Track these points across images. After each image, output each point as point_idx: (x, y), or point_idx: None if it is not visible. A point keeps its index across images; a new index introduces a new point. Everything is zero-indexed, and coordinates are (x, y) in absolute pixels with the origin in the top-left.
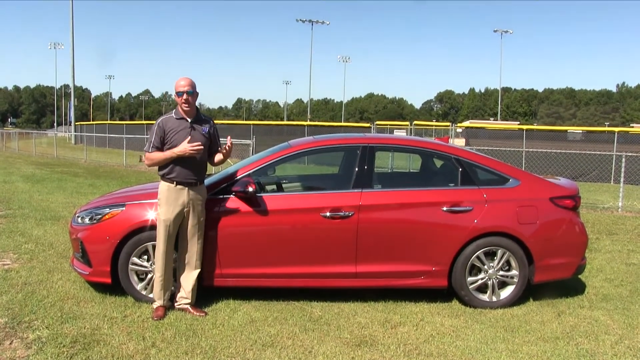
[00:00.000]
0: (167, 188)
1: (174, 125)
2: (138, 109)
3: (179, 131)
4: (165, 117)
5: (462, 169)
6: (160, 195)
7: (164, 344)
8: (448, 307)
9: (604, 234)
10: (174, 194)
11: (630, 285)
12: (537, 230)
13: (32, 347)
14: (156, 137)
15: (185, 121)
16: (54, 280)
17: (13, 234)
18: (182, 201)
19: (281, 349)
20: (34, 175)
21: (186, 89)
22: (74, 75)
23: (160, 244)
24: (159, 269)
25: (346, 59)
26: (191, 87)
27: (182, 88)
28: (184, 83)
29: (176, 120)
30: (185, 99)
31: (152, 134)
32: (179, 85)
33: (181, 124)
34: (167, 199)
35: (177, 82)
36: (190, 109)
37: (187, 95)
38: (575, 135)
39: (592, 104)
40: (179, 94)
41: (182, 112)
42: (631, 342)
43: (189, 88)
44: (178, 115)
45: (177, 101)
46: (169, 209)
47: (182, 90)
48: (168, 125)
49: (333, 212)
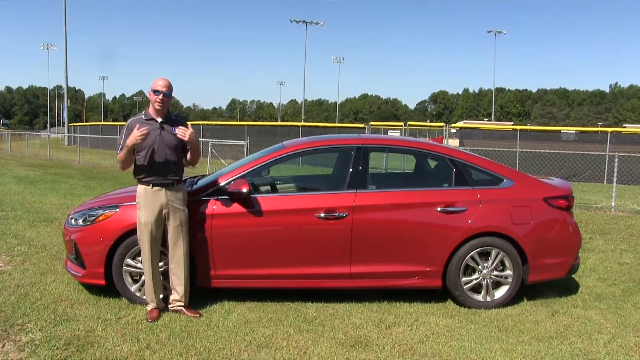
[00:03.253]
0: (144, 191)
1: (142, 126)
2: (132, 110)
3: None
4: (135, 118)
5: (456, 170)
6: (139, 198)
7: (159, 346)
8: (442, 307)
9: (597, 233)
10: (152, 196)
11: (623, 284)
12: (531, 230)
13: (25, 349)
14: (125, 138)
15: (154, 122)
16: (47, 282)
17: (5, 236)
18: (160, 203)
19: (276, 350)
20: (27, 177)
21: (164, 90)
22: (67, 76)
23: (145, 247)
24: (147, 272)
25: (340, 60)
26: (168, 90)
27: (160, 88)
28: (162, 84)
29: (145, 122)
30: (160, 98)
31: (122, 136)
32: (156, 84)
33: (150, 125)
34: (145, 202)
35: (155, 81)
36: (162, 109)
37: (164, 97)
38: (569, 135)
39: (585, 104)
40: (156, 93)
41: (153, 111)
42: (624, 340)
43: (167, 90)
44: (147, 117)
45: (150, 99)
46: (148, 211)
47: (159, 90)
48: (137, 126)
49: (327, 212)
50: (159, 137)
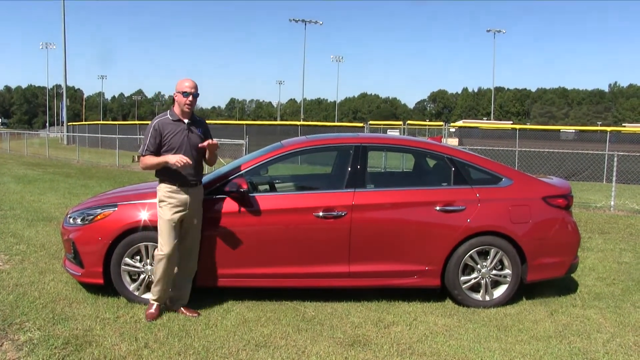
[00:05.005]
0: (169, 189)
1: (170, 127)
2: (131, 109)
3: (176, 133)
4: (161, 119)
5: (454, 169)
6: (163, 197)
7: (157, 345)
8: (441, 306)
9: (596, 232)
10: (177, 195)
11: (622, 283)
12: (530, 229)
13: (23, 348)
14: (152, 140)
15: (181, 123)
16: (46, 282)
17: (4, 235)
18: (184, 202)
19: (274, 349)
20: (26, 176)
21: (192, 90)
22: (65, 75)
23: (167, 246)
24: (163, 270)
25: (339, 59)
26: (197, 90)
27: (189, 89)
28: (190, 84)
29: (172, 122)
30: (190, 100)
31: (147, 137)
32: (183, 85)
33: (178, 126)
34: (171, 201)
35: (182, 83)
36: (190, 110)
37: (193, 97)
38: (568, 134)
39: (584, 103)
40: (185, 94)
41: (180, 112)
42: (623, 340)
43: (195, 91)
44: (174, 117)
45: (178, 101)
46: (172, 210)
47: (189, 92)
48: (165, 128)
49: (326, 211)
50: (186, 139)
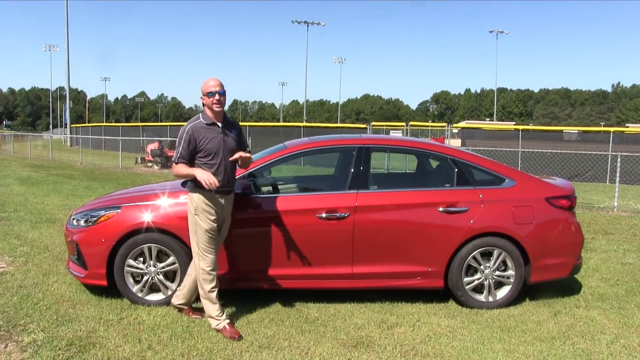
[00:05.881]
0: (205, 197)
1: (205, 132)
2: (134, 110)
3: (211, 138)
4: (194, 123)
5: (457, 170)
6: (198, 204)
7: (160, 346)
8: (444, 307)
9: (599, 233)
10: (213, 202)
11: (626, 284)
12: (533, 230)
13: (28, 350)
14: (185, 146)
15: (216, 127)
16: (50, 283)
17: (8, 237)
18: (219, 210)
19: (277, 350)
20: (30, 178)
21: (217, 89)
22: (69, 77)
23: (210, 257)
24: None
25: (342, 60)
26: (222, 87)
27: (214, 88)
28: (214, 83)
29: (207, 127)
30: (217, 99)
31: (181, 143)
32: (208, 85)
33: (213, 130)
34: (207, 209)
35: (206, 83)
36: (221, 109)
37: (219, 95)
38: (571, 135)
39: (587, 104)
40: (210, 95)
41: (212, 114)
42: (627, 341)
43: (220, 88)
44: (208, 121)
45: (206, 103)
46: (210, 218)
47: (213, 91)
48: (199, 133)
49: (329, 213)
50: (222, 143)
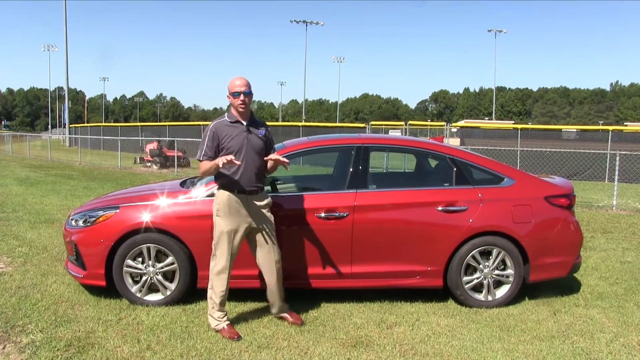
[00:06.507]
0: (227, 197)
1: (229, 130)
2: (132, 110)
3: (234, 136)
4: (218, 121)
5: (456, 169)
6: (220, 205)
7: (159, 347)
8: (444, 306)
9: (598, 232)
10: (235, 204)
11: (625, 283)
12: (532, 229)
13: (26, 351)
14: (209, 144)
15: (240, 124)
16: (48, 284)
17: (7, 237)
18: (243, 211)
19: (277, 350)
20: (28, 178)
21: (243, 89)
22: (67, 77)
23: (223, 259)
24: (223, 287)
25: (341, 60)
26: (248, 87)
27: (239, 88)
28: (240, 83)
29: (230, 125)
30: (242, 99)
31: (205, 141)
32: (234, 85)
33: (236, 129)
34: (228, 210)
35: (232, 82)
36: (245, 110)
37: (244, 96)
38: (570, 134)
39: (586, 102)
40: (235, 95)
41: (237, 114)
42: (626, 339)
43: (246, 88)
44: (232, 119)
45: (231, 102)
46: (230, 219)
47: (238, 91)
48: (222, 131)
49: (328, 212)
50: (246, 141)
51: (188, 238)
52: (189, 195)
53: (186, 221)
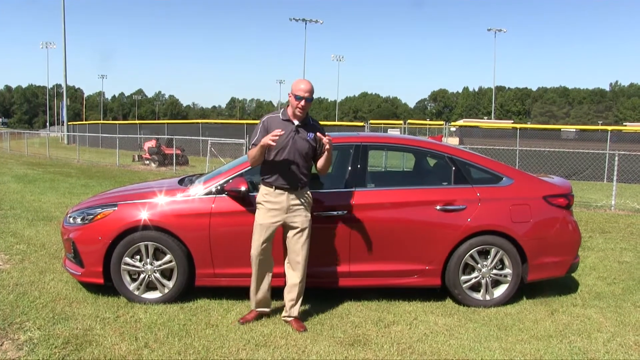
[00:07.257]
0: (266, 192)
1: (278, 125)
2: (131, 108)
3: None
4: (272, 116)
5: (455, 168)
6: (260, 199)
7: (157, 345)
8: (442, 306)
9: (597, 232)
10: (274, 199)
11: (623, 283)
12: (531, 228)
13: (24, 348)
14: (259, 136)
15: (290, 123)
16: (46, 281)
17: (4, 235)
18: (281, 206)
19: (274, 348)
20: (26, 176)
21: (306, 95)
22: (66, 74)
23: (254, 248)
24: (255, 274)
25: (340, 58)
26: (310, 94)
27: (302, 93)
28: (305, 88)
29: (281, 121)
30: (302, 105)
31: (256, 132)
32: (299, 88)
33: (286, 126)
34: (266, 204)
35: (297, 84)
36: (302, 114)
37: (305, 102)
38: (569, 133)
39: (585, 102)
40: (297, 98)
41: (292, 114)
42: (623, 339)
43: (309, 95)
44: (285, 117)
45: (291, 102)
46: (267, 213)
47: (301, 96)
48: (272, 125)
49: (326, 211)
50: (291, 140)
51: (186, 236)
52: (187, 194)
53: (184, 219)
